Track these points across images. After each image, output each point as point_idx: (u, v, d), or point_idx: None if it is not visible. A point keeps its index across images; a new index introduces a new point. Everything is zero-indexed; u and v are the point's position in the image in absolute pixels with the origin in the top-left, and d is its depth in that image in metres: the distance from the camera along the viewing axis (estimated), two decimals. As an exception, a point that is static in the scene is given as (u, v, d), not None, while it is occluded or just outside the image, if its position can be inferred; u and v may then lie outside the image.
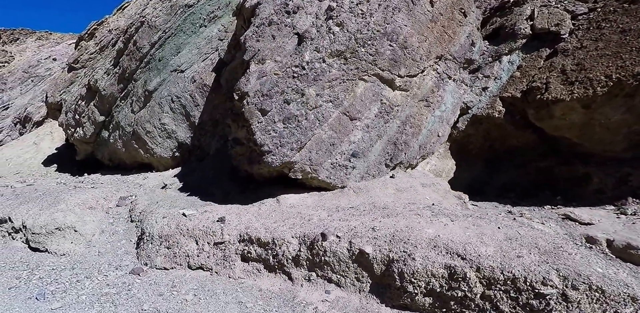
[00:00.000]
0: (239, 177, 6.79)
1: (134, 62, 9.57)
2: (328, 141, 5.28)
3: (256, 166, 5.72)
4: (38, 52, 21.39)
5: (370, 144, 5.46)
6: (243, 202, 5.74)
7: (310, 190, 5.61)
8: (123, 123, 9.87)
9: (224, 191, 6.32)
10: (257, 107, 5.07)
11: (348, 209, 4.82)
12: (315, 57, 5.19)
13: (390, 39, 5.40)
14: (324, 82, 5.21)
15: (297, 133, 5.14)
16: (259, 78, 5.13)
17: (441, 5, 5.93)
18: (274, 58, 5.20)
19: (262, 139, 5.06)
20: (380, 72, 5.44)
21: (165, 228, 5.50)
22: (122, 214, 7.32)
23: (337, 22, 5.25)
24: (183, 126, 9.25)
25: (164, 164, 9.67)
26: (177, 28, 9.59)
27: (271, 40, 5.22)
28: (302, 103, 5.16)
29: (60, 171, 12.49)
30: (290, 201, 5.39)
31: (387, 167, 5.65)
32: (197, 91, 9.02)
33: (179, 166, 9.57)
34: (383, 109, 5.52)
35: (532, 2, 7.30)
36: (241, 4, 5.60)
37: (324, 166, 5.30)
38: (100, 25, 11.59)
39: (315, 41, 5.21)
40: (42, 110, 18.78)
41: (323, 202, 5.19)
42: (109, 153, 10.89)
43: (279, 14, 5.29)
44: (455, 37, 5.93)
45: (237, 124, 5.87)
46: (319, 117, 5.22)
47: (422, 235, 3.63)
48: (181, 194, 6.85)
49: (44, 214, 6.70)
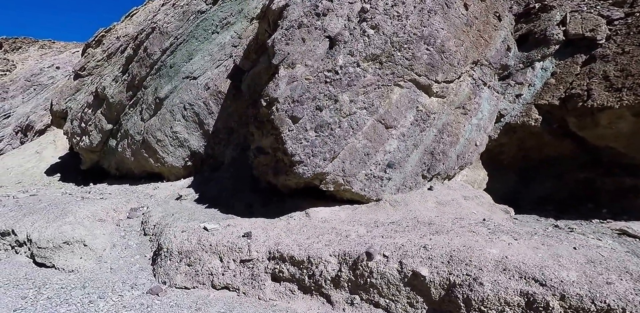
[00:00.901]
0: (260, 188, 6.42)
1: (144, 69, 9.26)
2: (362, 150, 4.93)
3: (282, 177, 5.36)
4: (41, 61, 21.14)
5: (407, 154, 5.11)
6: (268, 215, 5.36)
7: (341, 203, 5.24)
8: (132, 131, 9.51)
9: (245, 203, 5.94)
10: (287, 115, 4.72)
11: (388, 224, 4.45)
12: (349, 61, 4.87)
13: (428, 42, 5.09)
14: (358, 87, 4.89)
15: (330, 142, 4.79)
16: (289, 83, 4.79)
17: (475, 9, 5.65)
18: (304, 62, 4.88)
19: (292, 148, 4.70)
20: (417, 77, 5.12)
21: (185, 243, 5.11)
22: (134, 226, 6.94)
23: (372, 25, 4.95)
24: (196, 135, 8.89)
25: (175, 173, 9.29)
26: (189, 34, 9.30)
27: (301, 43, 4.90)
28: (335, 110, 4.82)
29: (64, 181, 12.08)
30: (321, 215, 5.02)
31: (424, 178, 5.29)
32: (211, 99, 8.69)
33: (191, 175, 9.19)
34: (419, 117, 5.19)
35: (561, 8, 7.04)
36: (266, 7, 5.30)
37: (357, 178, 4.95)
38: (108, 32, 11.32)
39: (348, 44, 4.90)
40: (45, 118, 18.44)
41: (358, 216, 4.82)
42: (117, 162, 10.51)
43: (308, 16, 4.99)
44: (491, 41, 5.63)
45: (262, 132, 5.53)
46: (352, 125, 4.88)
47: (486, 255, 3.26)
48: (198, 206, 6.46)
49: (51, 227, 6.30)
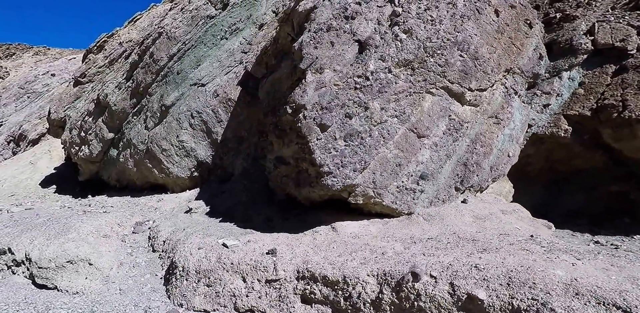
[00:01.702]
0: (276, 200, 6.08)
1: (150, 76, 8.94)
2: (394, 161, 4.64)
3: (306, 189, 5.04)
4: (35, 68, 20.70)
5: (440, 165, 4.83)
6: (291, 230, 5.02)
7: (369, 216, 4.93)
8: (135, 140, 9.14)
9: (264, 217, 5.59)
10: (315, 122, 4.43)
11: (426, 240, 4.14)
12: (380, 67, 4.61)
13: (461, 48, 4.86)
14: (390, 94, 4.62)
15: (361, 152, 4.49)
16: (317, 89, 4.51)
17: (506, 16, 5.45)
18: (333, 67, 4.61)
19: (321, 158, 4.40)
20: (450, 84, 4.88)
21: (203, 261, 4.74)
22: (141, 242, 6.54)
23: (404, 29, 4.70)
24: (203, 144, 8.55)
25: (181, 184, 8.91)
26: (197, 40, 9.03)
27: (329, 47, 4.64)
28: (365, 118, 4.54)
29: (60, 193, 11.59)
30: (350, 229, 4.69)
31: (457, 191, 5.01)
32: (221, 106, 8.38)
33: (196, 186, 8.82)
34: (452, 126, 4.92)
35: (585, 18, 6.91)
36: (291, 9, 5.05)
37: (389, 190, 4.64)
38: (110, 38, 11.01)
39: (380, 49, 4.65)
40: (39, 127, 17.95)
41: (391, 231, 4.50)
42: (117, 172, 10.10)
43: (337, 19, 4.73)
44: (523, 49, 5.43)
45: (283, 142, 5.22)
46: (383, 134, 4.59)
47: (551, 277, 2.96)
48: (211, 219, 6.10)
49: (53, 244, 5.90)
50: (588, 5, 7.50)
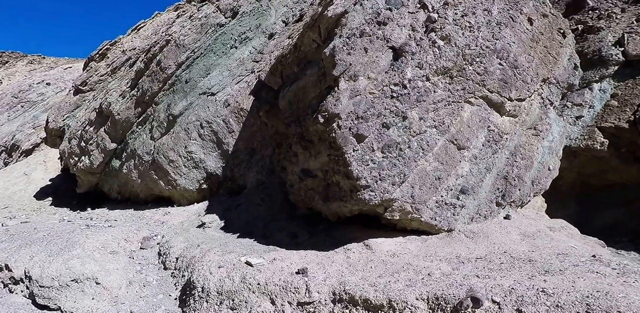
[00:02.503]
0: (298, 215, 5.74)
1: (156, 84, 8.63)
2: (433, 174, 4.36)
3: (336, 204, 4.72)
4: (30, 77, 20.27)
5: (480, 179, 4.55)
6: (319, 247, 4.68)
7: (404, 233, 4.61)
8: (140, 150, 8.77)
9: (287, 232, 5.24)
10: (351, 132, 4.14)
11: (475, 260, 3.82)
12: (417, 75, 4.37)
13: (500, 56, 4.65)
14: (428, 104, 4.36)
15: (399, 164, 4.20)
16: (351, 97, 4.24)
17: (540, 24, 5.27)
18: (367, 74, 4.35)
19: (358, 171, 4.10)
20: (489, 94, 4.64)
21: (225, 281, 4.37)
22: (150, 259, 6.14)
23: (442, 35, 4.48)
24: (213, 155, 8.21)
25: (188, 197, 8.53)
26: (207, 48, 8.78)
27: (363, 53, 4.38)
28: (404, 128, 4.27)
29: (57, 206, 11.09)
30: (386, 247, 4.37)
31: (498, 206, 4.72)
32: (232, 116, 8.08)
33: (205, 199, 8.44)
34: (491, 138, 4.67)
35: (610, 29, 6.80)
36: (319, 14, 4.82)
37: (427, 205, 4.34)
38: (113, 46, 10.72)
39: (417, 56, 4.41)
40: (33, 137, 17.45)
41: (432, 250, 4.18)
42: (119, 184, 9.68)
43: (370, 25, 4.49)
44: (558, 59, 5.24)
45: (310, 153, 4.92)
46: (422, 145, 4.32)
47: (637, 304, 2.66)
48: (228, 235, 5.73)
49: (56, 261, 5.49)
50: (609, 17, 7.41)
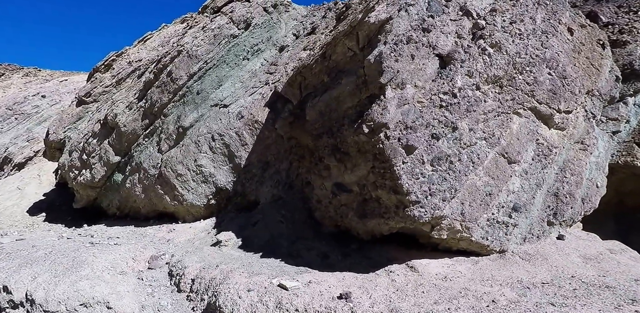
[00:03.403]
0: (325, 233, 5.37)
1: (166, 95, 8.31)
2: (484, 189, 4.06)
3: (374, 221, 4.37)
4: (25, 89, 19.82)
5: (532, 195, 4.27)
6: (356, 269, 4.30)
7: (450, 254, 4.27)
8: (146, 164, 8.35)
9: (317, 252, 4.85)
10: (400, 143, 3.84)
11: (542, 286, 3.48)
12: (467, 83, 4.12)
13: (550, 66, 4.45)
14: (478, 114, 4.11)
15: (450, 178, 3.90)
16: (399, 106, 3.96)
17: (580, 35, 5.12)
18: (414, 82, 4.09)
19: (409, 185, 3.78)
20: (538, 105, 4.41)
21: (259, 306, 3.95)
22: (160, 280, 5.69)
23: (492, 43, 4.27)
24: (224, 169, 7.83)
25: (194, 213, 8.09)
26: (219, 59, 8.52)
27: (410, 60, 4.14)
28: (454, 140, 3.99)
29: (51, 222, 10.50)
30: (434, 269, 4.01)
31: (549, 225, 4.43)
32: (246, 129, 7.75)
33: (212, 216, 8.00)
34: (540, 151, 4.41)
35: (638, 43, 6.70)
36: (358, 21, 4.59)
37: (478, 223, 4.02)
38: (119, 57, 10.42)
39: (466, 64, 4.17)
40: (26, 150, 16.87)
41: (488, 273, 3.83)
42: (120, 199, 9.19)
43: (416, 31, 4.27)
44: (601, 70, 5.08)
45: (345, 166, 4.60)
46: (473, 158, 4.03)
47: None
48: (249, 254, 5.31)
49: (62, 283, 5.03)
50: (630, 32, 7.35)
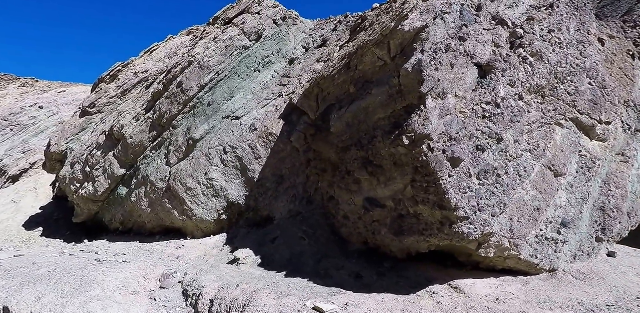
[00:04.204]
0: (351, 251, 5.10)
1: (176, 106, 8.08)
2: (531, 204, 3.85)
3: (412, 238, 4.13)
4: (22, 99, 19.48)
5: (579, 210, 4.07)
6: (395, 290, 4.03)
7: (495, 273, 4.02)
8: (153, 177, 8.05)
9: (348, 271, 4.57)
10: (445, 156, 3.64)
11: (608, 308, 3.25)
12: (510, 93, 3.95)
13: (590, 75, 4.32)
14: (522, 125, 3.93)
15: (498, 192, 3.69)
16: (441, 117, 3.77)
17: (610, 45, 5.03)
18: (454, 92, 3.92)
19: (456, 199, 3.56)
20: (579, 115, 4.26)
21: (294, 332, 3.65)
22: (174, 300, 5.35)
23: (532, 52, 4.13)
24: (236, 183, 7.56)
25: (203, 229, 7.77)
26: (231, 70, 8.35)
27: (449, 69, 3.97)
28: (499, 151, 3.79)
29: (48, 236, 10.08)
30: (482, 290, 3.76)
31: (597, 241, 4.21)
32: (259, 141, 7.52)
33: (222, 231, 7.69)
34: (583, 164, 4.24)
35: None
36: (390, 29, 4.44)
37: (527, 240, 3.80)
38: (125, 67, 10.21)
39: (507, 73, 4.01)
40: (21, 162, 16.43)
41: (543, 294, 3.59)
42: (124, 214, 8.84)
43: (454, 39, 4.12)
44: (635, 80, 4.97)
45: (378, 180, 4.37)
46: (519, 171, 3.84)
47: None
48: (271, 273, 5.01)
49: (71, 304, 4.69)
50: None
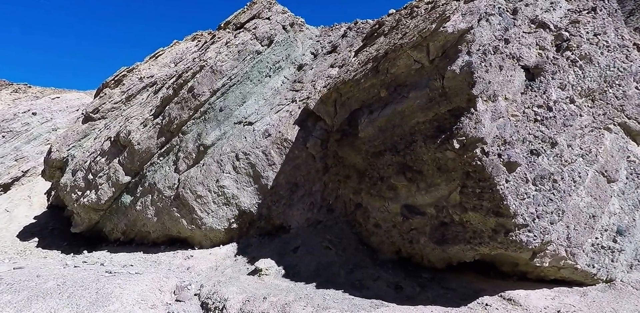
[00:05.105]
0: (382, 260, 4.86)
1: (186, 112, 7.83)
2: (587, 211, 3.69)
3: (457, 247, 3.92)
4: (15, 106, 18.98)
5: (632, 217, 3.92)
6: (443, 302, 3.80)
7: (546, 284, 3.82)
8: (161, 184, 7.74)
9: (386, 282, 4.33)
10: (501, 160, 3.47)
11: (681, 320, 3.07)
12: (561, 97, 3.82)
13: (636, 80, 4.24)
14: (575, 129, 3.80)
15: (555, 199, 3.53)
16: (493, 120, 3.61)
17: (646, 51, 4.94)
18: (504, 95, 3.77)
19: (516, 206, 3.37)
20: (627, 120, 4.15)
21: (341, 349, 3.39)
22: (194, 315, 5.03)
23: (580, 55, 4.02)
24: (248, 190, 7.29)
25: (212, 238, 7.46)
26: (244, 75, 8.15)
27: (498, 71, 3.84)
28: (554, 156, 3.64)
29: (45, 247, 9.61)
30: (538, 302, 3.55)
31: (650, 250, 4.07)
32: (274, 147, 7.29)
33: (232, 241, 7.40)
34: (632, 170, 4.11)
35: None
36: (431, 31, 4.30)
37: (584, 249, 3.62)
38: (130, 72, 9.94)
39: (557, 76, 3.89)
40: (13, 170, 15.87)
41: (606, 306, 3.40)
42: (127, 223, 8.47)
43: (500, 41, 4.00)
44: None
45: (417, 186, 4.18)
46: (574, 176, 3.68)
47: None
48: (300, 285, 4.74)
49: (88, 319, 4.35)
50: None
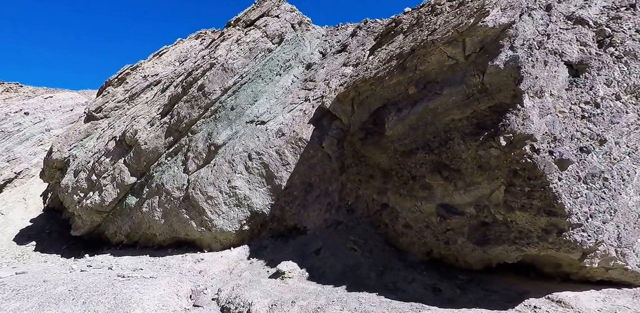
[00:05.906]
0: (412, 262, 4.71)
1: (196, 111, 7.61)
2: (635, 210, 3.59)
3: (500, 248, 3.80)
4: (6, 105, 18.50)
5: (678, 217, 3.83)
6: (488, 305, 3.66)
7: (593, 285, 3.71)
8: (169, 185, 7.50)
9: (422, 284, 4.17)
10: (553, 158, 3.35)
11: None
12: (607, 93, 3.72)
13: (678, 77, 4.14)
14: (622, 126, 3.70)
15: (607, 198, 3.42)
16: (541, 116, 3.50)
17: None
18: (549, 91, 3.66)
19: (570, 205, 3.25)
20: (669, 118, 4.06)
21: (389, 356, 3.22)
22: (214, 320, 4.83)
23: (625, 50, 3.93)
24: (261, 191, 7.09)
25: (222, 240, 7.23)
26: (255, 73, 7.97)
27: (543, 67, 3.73)
28: (603, 154, 3.54)
29: (43, 251, 9.26)
30: (589, 304, 3.43)
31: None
32: (288, 147, 7.11)
33: (243, 243, 7.19)
34: (675, 169, 4.03)
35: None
36: (468, 26, 4.18)
37: (634, 249, 3.52)
38: (134, 70, 9.67)
39: (603, 72, 3.80)
40: (5, 172, 15.40)
41: (660, 308, 3.29)
42: (132, 225, 8.19)
43: (544, 36, 3.90)
44: None
45: (454, 185, 4.05)
46: (623, 175, 3.59)
47: None
48: (329, 287, 4.55)
49: (108, 326, 4.11)
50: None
